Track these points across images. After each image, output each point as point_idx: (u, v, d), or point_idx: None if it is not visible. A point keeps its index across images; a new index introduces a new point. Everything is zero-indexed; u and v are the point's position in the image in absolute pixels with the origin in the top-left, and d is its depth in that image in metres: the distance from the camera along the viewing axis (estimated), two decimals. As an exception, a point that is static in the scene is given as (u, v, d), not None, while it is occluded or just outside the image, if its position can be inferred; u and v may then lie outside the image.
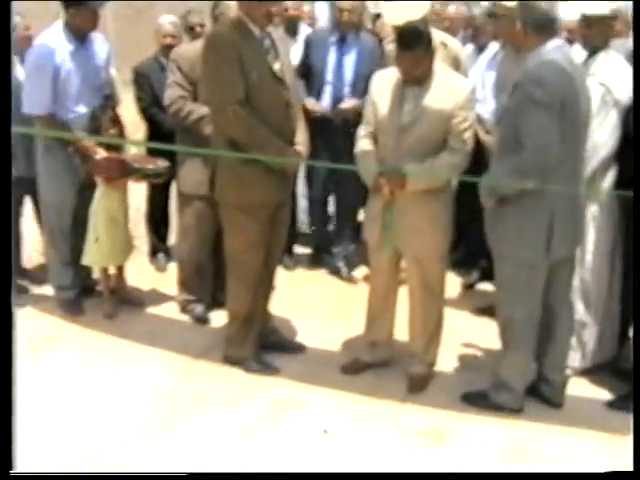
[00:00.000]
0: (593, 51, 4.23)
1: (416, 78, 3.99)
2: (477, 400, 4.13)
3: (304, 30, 6.56)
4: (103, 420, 3.90)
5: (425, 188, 4.02)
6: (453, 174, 4.09)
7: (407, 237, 4.12)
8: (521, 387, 4.05)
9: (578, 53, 4.30)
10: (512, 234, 3.79)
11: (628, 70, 4.18)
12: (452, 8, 6.41)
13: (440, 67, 4.11)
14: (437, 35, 5.31)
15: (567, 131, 3.61)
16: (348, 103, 5.57)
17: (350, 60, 5.72)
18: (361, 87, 5.30)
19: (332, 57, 5.73)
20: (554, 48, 3.68)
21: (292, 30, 6.44)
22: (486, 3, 6.14)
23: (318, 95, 5.74)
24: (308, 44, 5.89)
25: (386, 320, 4.48)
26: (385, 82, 4.14)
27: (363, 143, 4.20)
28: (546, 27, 3.70)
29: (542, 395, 4.13)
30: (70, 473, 3.38)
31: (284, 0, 6.19)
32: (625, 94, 4.08)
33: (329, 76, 5.74)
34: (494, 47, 5.50)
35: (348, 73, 5.72)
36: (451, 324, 4.62)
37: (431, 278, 4.24)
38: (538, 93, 3.54)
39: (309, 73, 5.81)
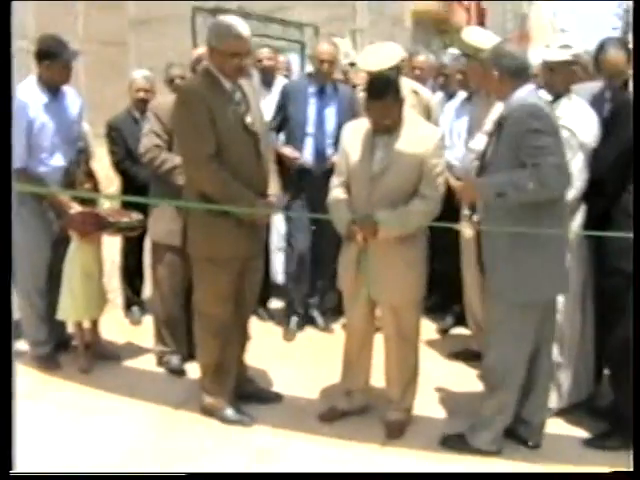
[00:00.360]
0: (556, 96, 4.32)
1: (386, 127, 4.04)
2: (456, 443, 4.11)
3: (280, 81, 6.55)
4: (83, 474, 3.84)
5: (398, 235, 4.05)
6: (425, 221, 4.10)
7: (382, 285, 4.13)
8: (500, 429, 4.04)
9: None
10: (515, 277, 3.76)
11: (591, 114, 4.28)
12: (421, 57, 6.51)
13: (409, 115, 4.17)
14: (408, 83, 5.43)
15: None
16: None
17: (331, 111, 5.70)
18: None
19: (312, 109, 5.69)
20: (528, 92, 3.77)
21: (267, 81, 6.47)
22: (455, 52, 6.29)
23: (300, 147, 5.68)
24: (285, 95, 5.80)
25: (362, 368, 4.48)
26: (356, 132, 4.19)
27: (336, 192, 4.23)
28: (521, 73, 3.79)
29: (519, 436, 4.13)
30: (70, 473, 3.38)
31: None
32: (589, 137, 4.17)
33: (310, 128, 5.69)
34: (462, 95, 5.60)
35: (330, 124, 5.68)
36: (427, 369, 4.64)
37: (406, 325, 4.24)
38: (536, 124, 3.61)
39: (287, 124, 5.77)
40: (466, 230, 3.98)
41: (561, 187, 3.64)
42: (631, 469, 3.01)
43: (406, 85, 5.50)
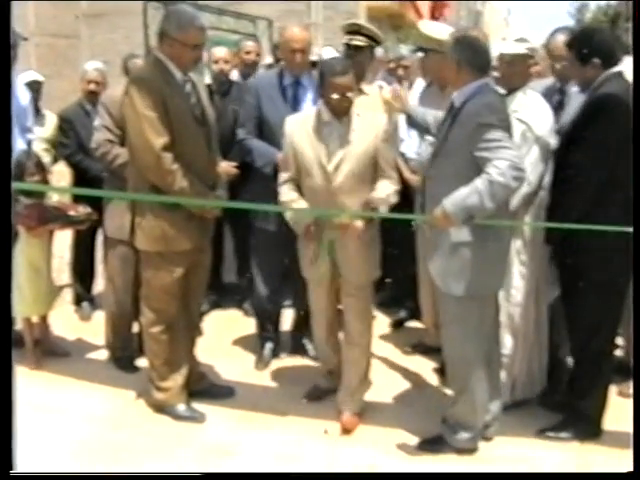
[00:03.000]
0: (511, 90, 4.31)
1: (344, 109, 4.04)
2: (434, 446, 4.02)
3: None
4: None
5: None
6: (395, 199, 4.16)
7: (349, 265, 4.18)
8: (478, 427, 3.99)
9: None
10: (471, 272, 3.72)
11: (546, 107, 4.28)
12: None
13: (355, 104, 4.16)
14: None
15: None
16: None
17: (309, 107, 4.85)
18: None
19: (288, 106, 4.89)
20: (483, 85, 3.75)
21: (249, 76, 6.21)
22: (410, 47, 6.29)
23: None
24: (255, 93, 4.98)
25: (333, 348, 4.55)
26: (301, 125, 4.16)
27: (287, 189, 4.21)
28: (481, 67, 3.77)
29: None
30: (70, 473, 3.33)
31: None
32: (545, 131, 4.17)
33: None
34: (420, 84, 5.57)
35: None
36: (381, 362, 4.63)
37: (364, 306, 4.32)
38: (489, 117, 3.57)
39: (263, 127, 4.95)
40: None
41: (518, 182, 3.53)
42: (631, 469, 3.02)
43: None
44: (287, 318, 5.53)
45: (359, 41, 5.09)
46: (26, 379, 4.76)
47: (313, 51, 5.38)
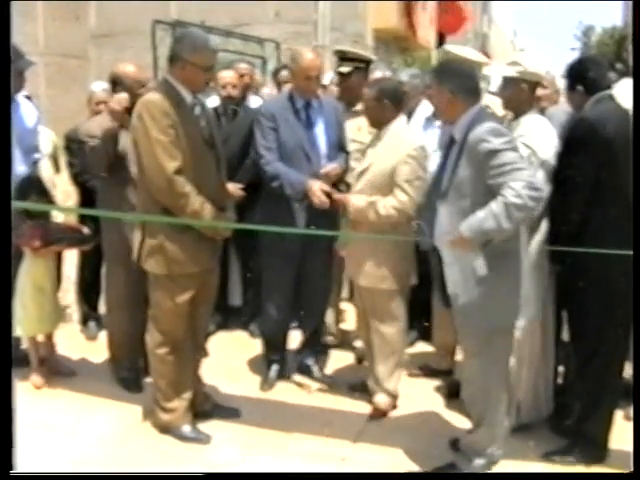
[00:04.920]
0: (518, 114, 4.34)
1: (377, 122, 4.57)
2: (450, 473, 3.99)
3: (254, 100, 6.35)
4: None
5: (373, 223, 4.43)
6: (393, 215, 4.36)
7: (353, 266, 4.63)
8: (496, 452, 3.94)
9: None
10: (498, 304, 3.71)
11: (551, 131, 4.30)
12: (378, 73, 6.44)
13: (398, 122, 4.55)
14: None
15: None
16: (329, 167, 4.88)
17: (320, 129, 5.00)
18: (334, 155, 5.01)
19: (302, 131, 4.94)
20: (479, 111, 3.74)
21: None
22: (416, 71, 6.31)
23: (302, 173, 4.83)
24: (270, 117, 4.93)
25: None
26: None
27: None
28: (475, 92, 3.77)
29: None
30: (70, 473, 3.36)
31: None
32: (549, 155, 4.18)
33: (306, 153, 4.91)
34: (422, 112, 5.61)
35: (322, 144, 4.99)
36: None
37: (379, 310, 4.66)
38: (495, 142, 3.53)
39: (280, 151, 4.90)
40: None
41: (536, 201, 3.50)
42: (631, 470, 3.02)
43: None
44: (293, 338, 5.53)
45: (345, 67, 5.43)
46: (31, 398, 4.78)
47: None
